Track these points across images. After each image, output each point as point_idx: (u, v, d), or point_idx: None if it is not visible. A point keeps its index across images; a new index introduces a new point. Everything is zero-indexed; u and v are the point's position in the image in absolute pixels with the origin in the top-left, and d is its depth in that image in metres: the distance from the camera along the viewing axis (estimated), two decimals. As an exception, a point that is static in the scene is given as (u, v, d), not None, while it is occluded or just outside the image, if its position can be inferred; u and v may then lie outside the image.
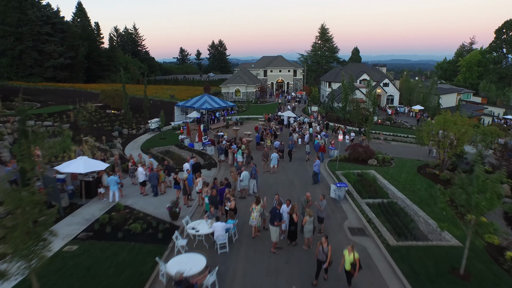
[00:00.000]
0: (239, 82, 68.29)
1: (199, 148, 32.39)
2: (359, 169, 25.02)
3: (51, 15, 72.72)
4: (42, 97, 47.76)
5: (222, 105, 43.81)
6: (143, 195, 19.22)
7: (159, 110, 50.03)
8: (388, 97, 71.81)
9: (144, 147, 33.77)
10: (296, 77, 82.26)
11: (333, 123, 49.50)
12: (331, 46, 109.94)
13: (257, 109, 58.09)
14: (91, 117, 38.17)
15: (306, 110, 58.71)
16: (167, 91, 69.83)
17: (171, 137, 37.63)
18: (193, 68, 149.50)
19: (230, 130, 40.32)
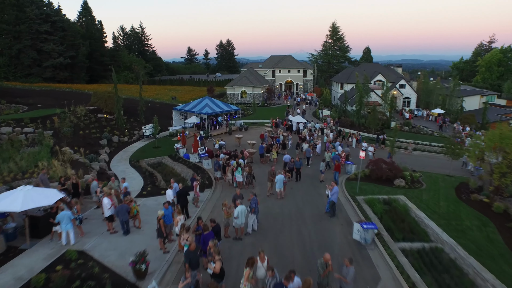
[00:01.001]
0: (245, 83, 63.71)
1: (195, 160, 27.91)
2: (384, 192, 20.21)
3: (51, 13, 69.15)
4: (32, 99, 43.85)
5: (225, 109, 39.26)
6: (110, 233, 14.75)
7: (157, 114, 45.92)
8: (405, 99, 66.36)
9: (134, 158, 29.45)
10: (306, 77, 77.26)
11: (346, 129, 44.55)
12: (343, 45, 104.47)
13: (263, 113, 53.40)
14: (79, 123, 34.01)
15: (317, 113, 53.78)
16: (170, 92, 65.61)
17: (166, 145, 33.30)
18: (201, 68, 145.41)
19: (232, 137, 35.74)
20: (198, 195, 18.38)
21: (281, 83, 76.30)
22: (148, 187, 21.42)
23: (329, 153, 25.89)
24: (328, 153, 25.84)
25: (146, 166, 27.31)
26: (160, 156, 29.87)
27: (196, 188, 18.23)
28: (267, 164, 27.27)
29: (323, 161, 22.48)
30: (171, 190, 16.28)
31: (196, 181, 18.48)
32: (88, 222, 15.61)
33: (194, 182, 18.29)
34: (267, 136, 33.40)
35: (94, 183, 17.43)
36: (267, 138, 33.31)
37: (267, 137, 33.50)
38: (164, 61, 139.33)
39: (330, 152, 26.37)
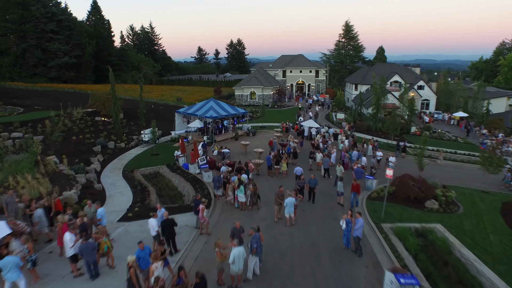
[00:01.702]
0: (254, 83, 60.35)
1: (195, 171, 24.74)
2: (415, 218, 16.64)
3: (58, 11, 67.04)
4: (29, 101, 41.40)
5: (231, 113, 36.01)
6: (74, 276, 11.62)
7: (160, 116, 43.03)
8: (423, 101, 62.07)
9: (128, 167, 26.45)
10: (318, 78, 73.43)
11: (362, 134, 40.82)
12: (356, 45, 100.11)
13: (273, 115, 49.97)
14: (73, 126, 31.22)
15: (330, 117, 50.07)
16: (176, 93, 62.73)
17: (166, 152, 30.26)
18: (211, 68, 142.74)
19: (238, 143, 32.48)
20: (205, 220, 15.09)
21: (292, 83, 72.70)
22: (136, 207, 18.29)
23: (340, 167, 22.29)
24: (339, 166, 22.26)
25: (140, 177, 24.25)
26: (158, 166, 26.82)
27: (203, 212, 14.94)
28: (276, 178, 23.91)
29: (340, 180, 18.72)
30: (155, 219, 13.04)
31: (202, 203, 15.14)
32: (50, 259, 12.54)
33: (200, 206, 14.97)
34: (276, 143, 30.03)
35: (37, 212, 13.61)
36: (276, 145, 29.94)
37: (276, 144, 30.13)
38: (175, 61, 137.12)
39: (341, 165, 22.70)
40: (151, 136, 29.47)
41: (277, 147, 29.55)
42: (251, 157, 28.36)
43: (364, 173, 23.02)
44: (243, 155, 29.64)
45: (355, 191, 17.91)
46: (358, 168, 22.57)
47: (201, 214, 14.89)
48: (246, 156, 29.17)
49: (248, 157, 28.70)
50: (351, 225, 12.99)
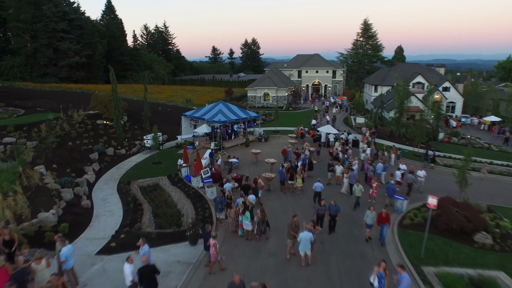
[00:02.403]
0: (268, 84, 57.06)
1: (197, 185, 21.74)
2: (465, 259, 13.13)
3: (69, 10, 65.40)
4: (32, 102, 39.35)
5: (241, 117, 32.91)
6: None
7: (167, 119, 40.32)
8: (448, 104, 57.39)
9: (126, 178, 23.68)
10: (335, 79, 69.49)
11: (383, 140, 37.08)
12: (375, 44, 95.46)
13: (288, 118, 46.62)
14: (71, 131, 28.73)
15: (349, 120, 46.33)
16: (187, 94, 60.07)
17: (169, 160, 27.42)
18: (225, 68, 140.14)
19: (248, 151, 29.33)
20: (217, 257, 12.01)
21: (307, 84, 69.03)
22: (124, 232, 15.33)
23: (360, 186, 18.65)
24: (359, 186, 18.67)
25: (136, 191, 21.41)
26: (158, 177, 23.94)
27: (216, 248, 11.86)
28: (289, 194, 20.65)
29: (369, 210, 14.90)
30: (130, 265, 9.98)
31: (213, 238, 12.04)
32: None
33: (211, 240, 11.90)
34: (290, 152, 26.74)
35: None
36: (290, 154, 26.65)
37: (291, 153, 26.84)
38: (189, 60, 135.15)
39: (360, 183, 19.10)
40: (153, 142, 26.63)
41: (291, 157, 26.28)
42: (262, 168, 25.20)
43: (397, 191, 19.52)
44: (253, 165, 26.50)
45: (384, 222, 14.35)
46: (390, 185, 19.11)
47: (212, 250, 11.79)
48: (257, 167, 26.02)
49: (258, 168, 25.56)
50: (384, 281, 9.60)
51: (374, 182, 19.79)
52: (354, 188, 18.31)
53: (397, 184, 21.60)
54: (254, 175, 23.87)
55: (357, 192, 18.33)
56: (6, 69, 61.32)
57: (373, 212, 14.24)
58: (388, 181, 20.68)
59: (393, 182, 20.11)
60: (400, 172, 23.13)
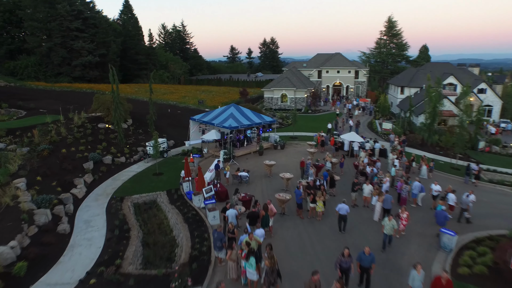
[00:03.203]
0: (286, 85, 53.20)
1: (199, 205, 18.35)
2: None
3: (84, 9, 63.60)
4: (36, 103, 37.09)
5: (255, 122, 29.37)
6: None
7: (177, 122, 37.25)
8: (484, 107, 51.82)
9: (120, 192, 20.60)
10: (358, 79, 64.84)
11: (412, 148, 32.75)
12: (400, 42, 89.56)
13: (306, 122, 42.72)
14: (68, 136, 25.97)
15: (373, 126, 41.94)
16: (201, 95, 57.00)
17: (172, 171, 24.23)
18: (243, 67, 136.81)
19: (262, 160, 25.73)
20: None
21: (328, 85, 64.66)
22: (95, 276, 12.02)
23: (392, 220, 13.99)
24: (391, 220, 13.97)
25: (128, 210, 18.23)
26: (156, 192, 20.74)
27: None
28: (307, 220, 16.93)
29: (416, 269, 10.23)
30: None
31: None
32: None
33: None
34: (309, 165, 22.97)
35: None
36: (309, 167, 22.89)
37: (310, 166, 23.06)
38: (207, 60, 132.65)
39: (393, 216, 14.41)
40: (153, 150, 23.42)
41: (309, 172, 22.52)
42: (276, 183, 21.57)
43: (449, 219, 15.54)
44: (266, 179, 22.90)
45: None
46: (441, 211, 15.17)
47: None
48: (270, 181, 22.41)
49: (272, 183, 21.94)
50: None
51: (404, 212, 15.55)
52: (385, 222, 14.25)
53: (450, 209, 17.53)
54: (266, 192, 20.38)
55: (388, 229, 14.05)
56: (21, 68, 60.14)
57: (421, 273, 10.26)
58: (437, 205, 16.66)
59: (444, 207, 16.09)
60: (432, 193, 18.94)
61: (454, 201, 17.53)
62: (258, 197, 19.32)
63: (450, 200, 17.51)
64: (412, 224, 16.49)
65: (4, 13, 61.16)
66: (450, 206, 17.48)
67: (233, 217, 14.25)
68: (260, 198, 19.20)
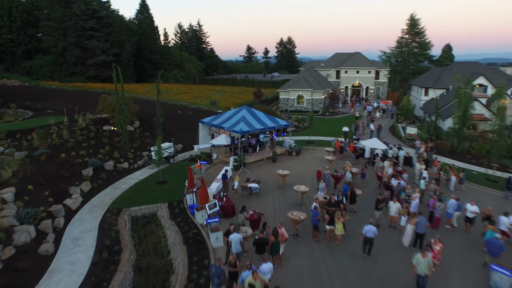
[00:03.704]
0: (302, 85, 50.60)
1: (201, 222, 16.23)
2: None
3: (99, 8, 62.85)
4: (44, 103, 35.99)
5: (268, 126, 27.07)
6: None
7: (187, 124, 35.34)
8: (517, 111, 47.76)
9: (118, 203, 18.71)
10: (378, 80, 61.46)
11: (441, 157, 29.72)
12: (422, 41, 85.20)
13: (324, 126, 40.07)
14: (70, 139, 24.40)
15: (396, 130, 38.85)
16: (214, 95, 55.11)
17: (177, 179, 22.25)
18: (259, 67, 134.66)
19: (275, 168, 23.41)
20: None
21: (347, 86, 61.56)
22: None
23: (427, 258, 11.00)
24: (426, 256, 11.02)
25: (124, 225, 16.28)
26: (157, 204, 18.75)
27: None
28: (325, 244, 14.50)
29: None
30: None
31: None
32: None
33: None
34: (328, 176, 20.51)
35: None
36: (327, 179, 20.43)
37: (328, 177, 20.60)
38: (223, 60, 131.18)
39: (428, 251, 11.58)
40: (156, 157, 21.44)
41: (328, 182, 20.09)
42: (290, 196, 19.20)
43: (505, 250, 12.87)
44: (279, 190, 20.58)
45: None
46: (494, 240, 12.56)
47: None
48: (283, 194, 20.07)
49: (285, 195, 19.60)
50: None
51: (438, 244, 12.70)
52: (417, 259, 11.11)
53: (503, 236, 14.69)
54: (278, 207, 18.08)
55: (423, 268, 11.01)
56: (37, 68, 59.92)
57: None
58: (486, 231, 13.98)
59: (498, 235, 13.38)
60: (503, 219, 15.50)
61: (508, 225, 14.69)
62: (268, 213, 17.06)
63: (501, 224, 14.72)
64: (449, 251, 13.86)
65: (22, 13, 61.10)
66: (502, 231, 14.67)
67: (236, 243, 12.02)
68: (271, 215, 16.93)
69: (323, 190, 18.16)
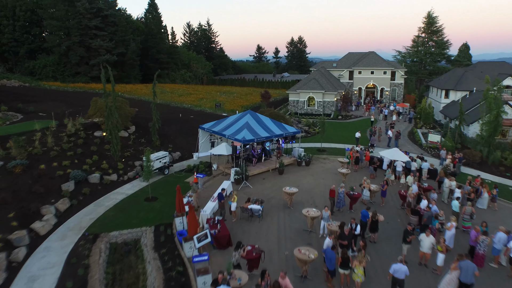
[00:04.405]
0: (313, 87, 47.29)
1: (189, 255, 13.27)
2: None
3: (104, 6, 60.59)
4: (36, 105, 33.58)
5: (275, 133, 23.99)
6: None
7: (187, 129, 32.46)
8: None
9: (97, 226, 15.94)
10: (394, 81, 57.58)
11: (470, 169, 26.18)
12: (440, 40, 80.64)
13: (336, 131, 36.73)
14: (54, 147, 21.78)
15: (416, 137, 35.20)
16: (220, 97, 52.19)
17: (169, 195, 19.33)
18: (270, 67, 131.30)
19: (281, 183, 20.33)
20: None
21: (360, 87, 57.86)
22: None
23: None
24: None
25: (98, 257, 13.45)
26: (143, 227, 15.89)
27: None
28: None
29: None
30: None
31: None
32: None
33: None
34: (342, 196, 17.35)
35: None
36: (342, 199, 17.28)
37: (343, 196, 17.43)
38: (233, 60, 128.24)
39: None
40: (145, 170, 18.54)
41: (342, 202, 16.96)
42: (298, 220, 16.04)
43: None
44: (286, 211, 17.50)
45: None
46: None
47: None
48: (290, 217, 16.98)
49: (292, 218, 16.45)
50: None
51: None
52: None
53: None
54: (283, 236, 15.00)
55: None
56: (40, 68, 58.02)
57: None
58: None
59: None
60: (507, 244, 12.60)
61: None
62: (272, 243, 14.05)
63: None
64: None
65: (26, 12, 59.27)
66: None
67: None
68: (275, 246, 13.91)
69: (328, 220, 14.85)
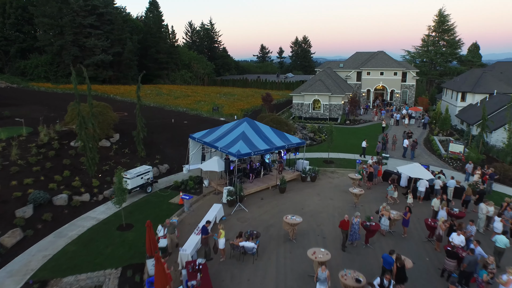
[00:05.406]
0: (319, 89, 43.76)
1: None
2: None
3: (99, 4, 57.49)
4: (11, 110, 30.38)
5: (275, 145, 20.54)
6: None
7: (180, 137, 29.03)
8: None
9: (49, 269, 12.68)
10: (405, 83, 53.81)
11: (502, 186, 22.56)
12: (452, 39, 76.60)
13: (345, 138, 33.17)
14: (18, 160, 18.57)
15: (433, 145, 31.47)
16: (219, 99, 48.79)
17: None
18: (273, 67, 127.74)
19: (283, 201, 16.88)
20: None
21: (369, 89, 54.15)
22: None
23: None
24: None
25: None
26: (106, 270, 12.54)
27: None
28: None
29: None
30: None
31: None
32: None
33: None
34: (357, 226, 13.89)
35: None
36: (356, 232, 13.84)
37: (358, 228, 13.96)
38: (236, 60, 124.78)
39: None
40: (116, 194, 15.17)
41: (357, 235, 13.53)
42: (302, 263, 12.60)
43: None
44: (286, 248, 14.05)
45: None
46: None
47: None
48: (292, 255, 13.54)
49: (294, 261, 12.99)
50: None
51: None
52: None
53: None
54: (284, 283, 11.53)
55: None
56: (31, 68, 55.09)
57: None
58: None
59: None
60: None
61: None
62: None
63: None
64: None
65: (16, 9, 56.38)
66: None
67: None
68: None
69: (325, 283, 10.78)
